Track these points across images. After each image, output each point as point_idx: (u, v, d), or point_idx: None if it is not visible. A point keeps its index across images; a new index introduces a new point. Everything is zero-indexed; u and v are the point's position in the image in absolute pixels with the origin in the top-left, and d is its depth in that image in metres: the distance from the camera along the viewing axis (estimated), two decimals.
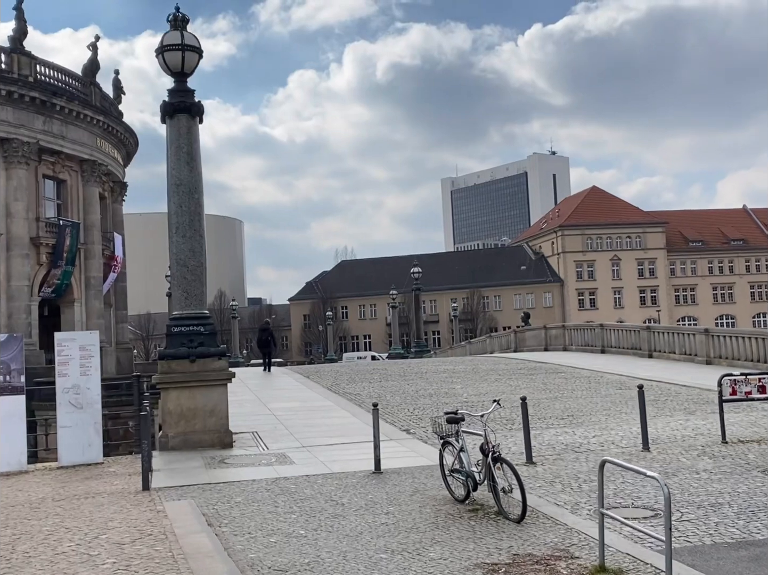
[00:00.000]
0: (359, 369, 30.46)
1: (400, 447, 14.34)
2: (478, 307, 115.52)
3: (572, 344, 36.36)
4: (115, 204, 54.16)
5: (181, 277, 15.00)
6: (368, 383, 25.02)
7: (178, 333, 14.83)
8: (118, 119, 51.90)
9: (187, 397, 14.69)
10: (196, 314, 15.01)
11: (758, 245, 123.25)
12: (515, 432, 15.59)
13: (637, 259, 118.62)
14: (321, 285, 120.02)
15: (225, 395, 15.00)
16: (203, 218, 15.34)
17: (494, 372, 27.38)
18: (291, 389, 24.52)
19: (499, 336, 44.72)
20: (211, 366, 14.88)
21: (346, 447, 14.64)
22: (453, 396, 21.15)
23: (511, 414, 17.97)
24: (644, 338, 30.51)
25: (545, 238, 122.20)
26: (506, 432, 15.79)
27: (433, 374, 27.21)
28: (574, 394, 21.04)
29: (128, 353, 53.93)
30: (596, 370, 26.56)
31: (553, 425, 16.32)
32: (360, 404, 20.36)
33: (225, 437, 14.76)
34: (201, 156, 15.44)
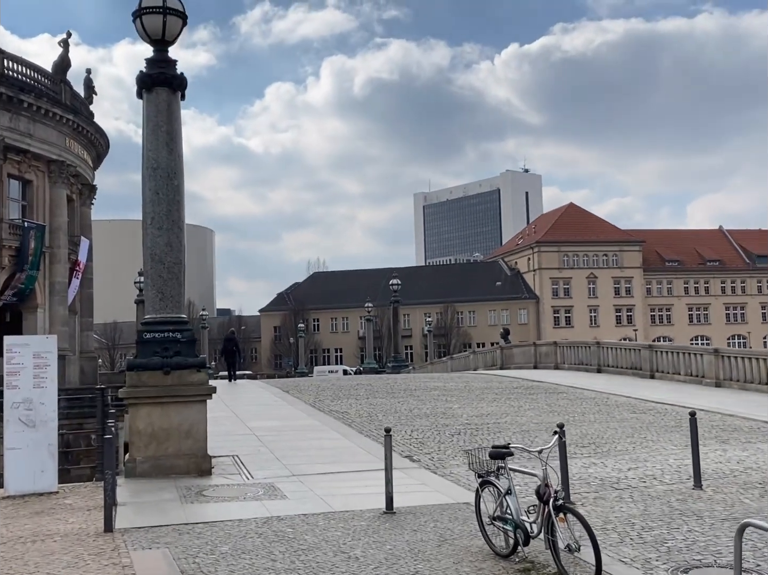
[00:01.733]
0: (342, 384, 28.38)
1: (407, 479, 12.29)
2: (452, 323, 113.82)
3: (564, 362, 34.54)
4: (83, 207, 51.78)
5: (155, 275, 12.90)
6: (354, 400, 22.97)
7: (150, 341, 12.72)
8: (89, 119, 49.56)
9: (159, 415, 12.56)
10: (172, 318, 12.91)
11: (734, 267, 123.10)
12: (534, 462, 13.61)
13: (613, 278, 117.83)
14: (293, 296, 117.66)
15: (204, 413, 12.89)
16: (183, 208, 13.27)
17: (489, 390, 25.45)
18: (270, 405, 22.39)
19: (484, 353, 42.85)
20: (188, 379, 12.77)
21: (344, 477, 12.57)
22: (452, 417, 19.17)
23: (524, 439, 16.02)
24: (646, 357, 28.75)
25: (521, 254, 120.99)
26: (524, 462, 13.81)
27: (424, 391, 25.21)
28: (586, 418, 19.14)
29: (93, 362, 51.42)
30: (599, 391, 24.71)
31: (577, 454, 14.36)
32: (350, 424, 18.31)
33: (203, 463, 12.64)
34: (182, 137, 13.40)
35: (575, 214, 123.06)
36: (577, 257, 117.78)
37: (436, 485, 11.91)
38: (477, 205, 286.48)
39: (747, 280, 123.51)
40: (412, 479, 12.34)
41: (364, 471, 12.89)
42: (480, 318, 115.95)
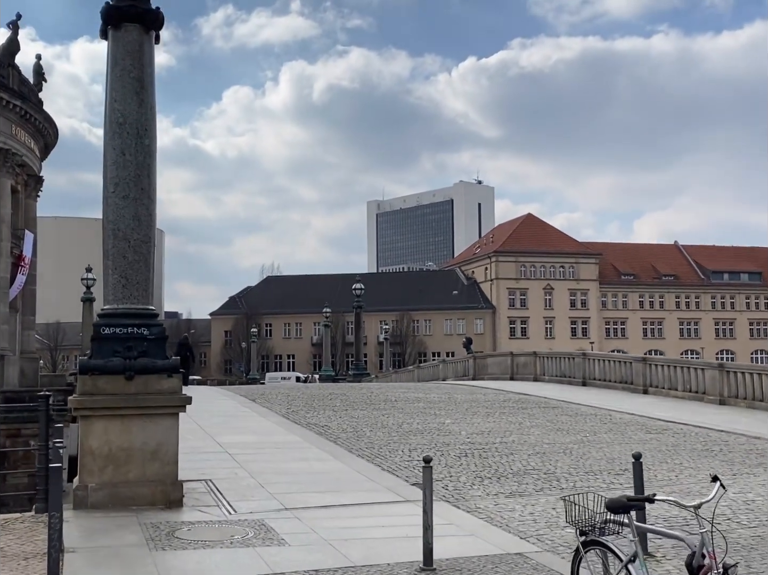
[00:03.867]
0: (313, 393, 25.87)
1: None
2: (407, 331, 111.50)
3: (545, 374, 32.45)
4: (28, 199, 48.38)
5: (118, 255, 10.34)
6: (332, 412, 20.50)
7: (110, 337, 10.16)
8: (38, 107, 46.35)
9: (119, 431, 10.01)
10: (138, 310, 10.37)
11: (689, 282, 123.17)
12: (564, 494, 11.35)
13: (569, 289, 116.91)
14: (245, 300, 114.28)
15: (175, 430, 10.35)
16: (155, 174, 10.73)
17: (476, 403, 23.17)
18: (239, 416, 19.79)
19: (454, 362, 40.62)
20: (156, 386, 10.23)
21: (350, 512, 10.14)
22: (450, 435, 16.83)
23: (543, 463, 13.75)
24: (638, 371, 26.75)
25: (478, 263, 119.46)
26: (546, 494, 11.49)
27: (406, 403, 22.83)
28: (599, 438, 16.94)
29: (34, 363, 47.99)
30: (596, 407, 22.59)
31: (614, 484, 12.12)
32: (335, 441, 15.85)
33: (172, 491, 10.10)
34: (156, 87, 10.88)
35: (533, 225, 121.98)
36: (534, 268, 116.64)
37: (468, 525, 9.54)
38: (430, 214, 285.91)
39: (701, 295, 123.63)
40: (436, 516, 9.94)
41: (373, 505, 10.48)
42: (436, 327, 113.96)
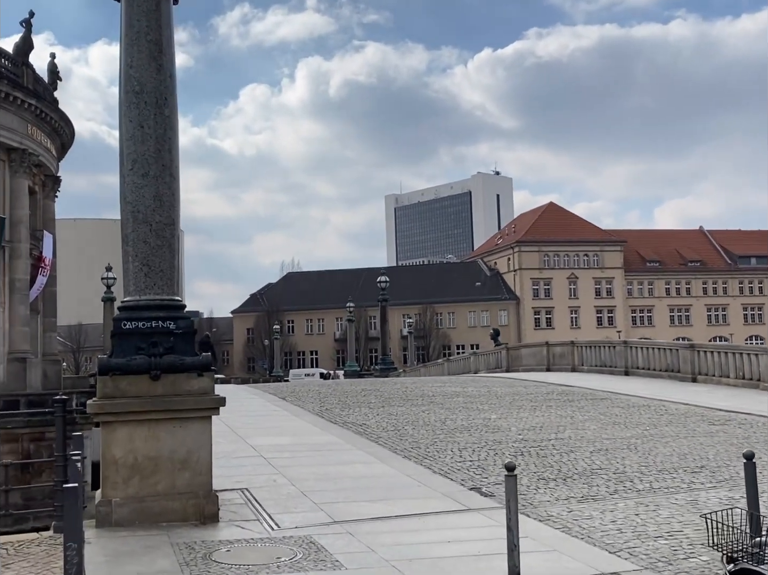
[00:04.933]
0: (345, 389, 24.70)
1: (494, 526, 8.70)
2: (431, 324, 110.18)
3: (583, 364, 31.14)
4: (46, 200, 47.67)
5: (138, 240, 9.19)
6: (368, 409, 19.32)
7: (132, 332, 9.02)
8: (53, 106, 45.53)
9: (145, 438, 8.87)
10: (162, 301, 9.21)
11: (715, 267, 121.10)
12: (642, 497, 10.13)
13: (594, 278, 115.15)
14: (266, 297, 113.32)
15: (208, 434, 9.17)
16: (177, 148, 9.57)
17: (518, 396, 21.92)
18: (270, 415, 18.65)
19: (486, 354, 39.35)
20: (185, 386, 9.07)
21: (408, 524, 8.94)
22: (498, 431, 15.60)
23: (609, 461, 12.50)
24: (686, 358, 25.40)
25: (501, 254, 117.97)
26: (622, 497, 10.25)
27: (444, 398, 21.62)
28: (660, 431, 15.64)
29: (56, 366, 47.29)
30: (647, 397, 21.27)
31: (695, 484, 10.84)
32: (377, 440, 14.68)
33: (206, 504, 8.95)
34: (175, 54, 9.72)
35: (555, 213, 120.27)
36: (558, 257, 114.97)
37: (546, 538, 8.31)
38: (448, 207, 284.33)
39: (728, 280, 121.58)
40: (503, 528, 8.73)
41: (432, 515, 9.28)
42: (459, 320, 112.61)
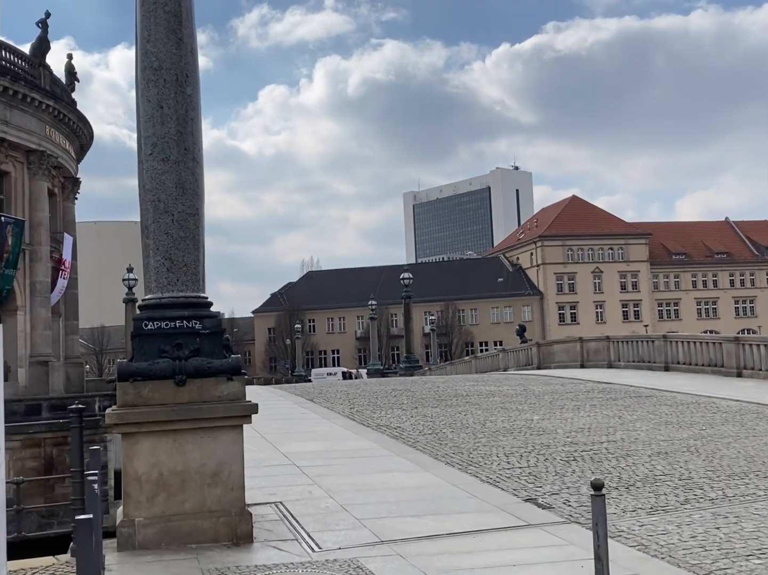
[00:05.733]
0: (374, 390, 23.81)
1: (562, 545, 7.77)
2: (453, 321, 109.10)
3: (620, 360, 30.10)
4: (66, 202, 47.27)
5: (159, 232, 8.31)
6: (401, 410, 18.41)
7: (154, 334, 8.14)
8: (71, 107, 45.01)
9: (170, 450, 7.99)
10: (187, 298, 8.32)
11: (742, 259, 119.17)
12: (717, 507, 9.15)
13: (619, 272, 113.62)
14: (287, 296, 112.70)
15: (240, 445, 8.27)
16: (200, 131, 8.68)
17: (557, 395, 20.94)
18: (300, 419, 17.77)
19: (516, 351, 38.33)
20: (214, 392, 8.18)
21: (464, 543, 8.00)
22: (544, 434, 14.63)
23: (672, 466, 11.51)
24: (731, 352, 24.33)
25: (523, 249, 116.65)
26: (695, 508, 9.27)
27: (479, 397, 20.68)
28: (718, 431, 14.59)
29: (79, 369, 46.85)
30: (694, 393, 20.21)
31: None
32: (414, 445, 13.75)
33: (239, 523, 8.06)
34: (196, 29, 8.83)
35: (578, 207, 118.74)
36: (582, 251, 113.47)
37: (622, 558, 7.30)
38: (467, 203, 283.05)
39: (756, 272, 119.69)
40: (570, 546, 7.77)
41: (490, 532, 8.33)
42: (482, 317, 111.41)
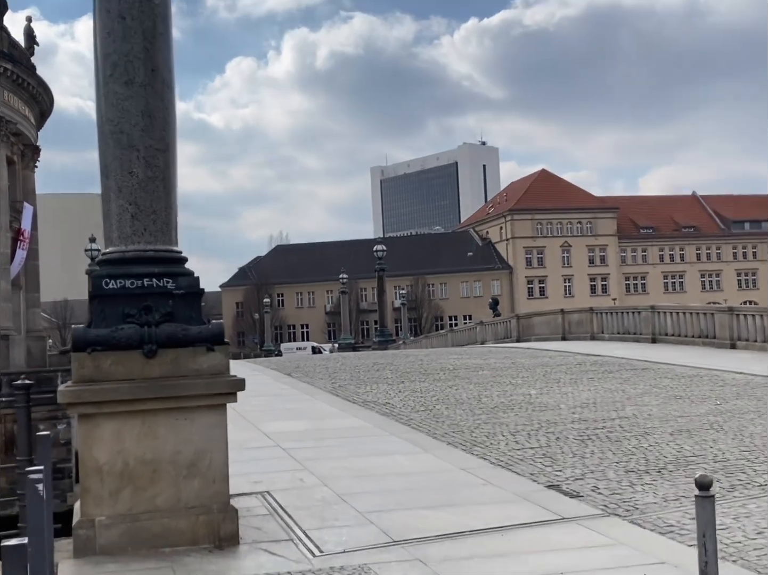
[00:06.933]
0: (354, 364, 22.50)
1: (611, 546, 6.51)
2: (423, 295, 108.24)
3: (604, 331, 29.07)
4: (26, 170, 45.12)
5: (123, 170, 6.83)
6: (387, 385, 17.12)
7: (117, 294, 6.69)
8: (31, 71, 42.83)
9: (138, 436, 6.57)
10: (157, 252, 6.87)
11: (709, 233, 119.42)
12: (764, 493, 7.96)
13: (587, 246, 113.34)
14: (255, 271, 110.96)
15: (222, 429, 6.85)
16: (171, 49, 7.19)
17: (548, 368, 19.77)
18: (280, 395, 16.38)
19: (494, 324, 37.21)
20: (191, 365, 6.74)
21: (493, 543, 6.69)
22: (547, 410, 13.40)
23: (701, 446, 10.32)
24: (723, 323, 23.34)
25: (492, 223, 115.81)
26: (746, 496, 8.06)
27: (467, 371, 19.44)
28: (735, 406, 13.46)
29: (41, 343, 44.95)
30: (693, 366, 19.14)
31: None
32: (409, 423, 12.45)
33: (222, 522, 6.67)
34: None
35: (547, 181, 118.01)
36: (551, 225, 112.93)
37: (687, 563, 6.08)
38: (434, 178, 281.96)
39: (722, 246, 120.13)
40: (633, 549, 6.49)
41: (518, 528, 7.02)
42: (452, 291, 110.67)
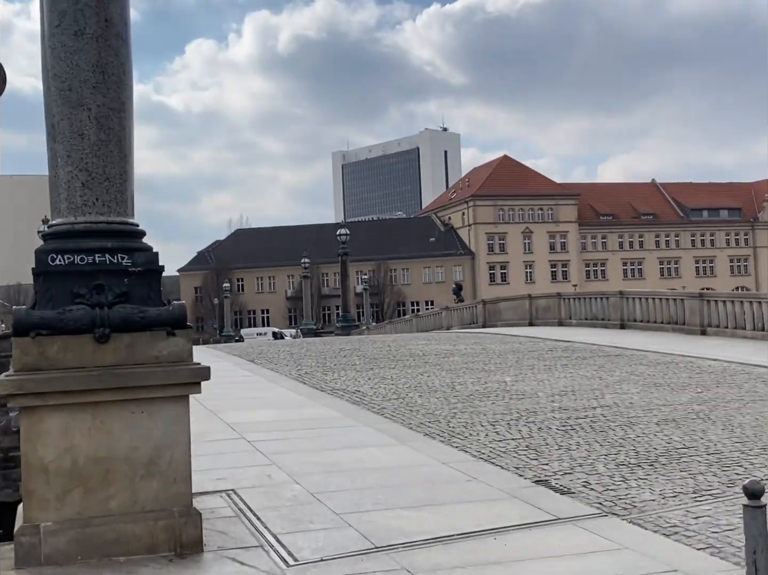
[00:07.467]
0: (320, 349, 21.79)
1: (616, 550, 5.93)
2: (385, 281, 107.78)
3: (571, 317, 28.68)
4: None
5: (72, 132, 6.06)
6: (355, 372, 16.46)
7: (65, 272, 5.93)
8: None
9: (89, 431, 5.83)
10: (110, 225, 6.10)
11: (668, 220, 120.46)
12: None
13: (548, 232, 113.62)
14: (214, 255, 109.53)
15: (184, 424, 6.11)
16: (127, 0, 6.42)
17: (520, 354, 19.25)
18: (243, 383, 15.63)
19: (460, 309, 36.70)
20: (150, 351, 6.00)
21: (482, 546, 6.04)
22: (525, 397, 12.85)
23: (691, 438, 9.82)
24: (694, 309, 23.00)
25: (455, 209, 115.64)
26: None
27: (437, 357, 18.86)
28: (717, 394, 13.03)
29: None
30: (666, 352, 18.73)
31: None
32: (381, 413, 11.80)
33: (186, 527, 5.96)
34: None
35: (510, 167, 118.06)
36: (513, 211, 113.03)
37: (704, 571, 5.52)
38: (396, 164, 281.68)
39: (681, 233, 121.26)
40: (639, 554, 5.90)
41: (512, 530, 6.39)
42: (414, 276, 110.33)
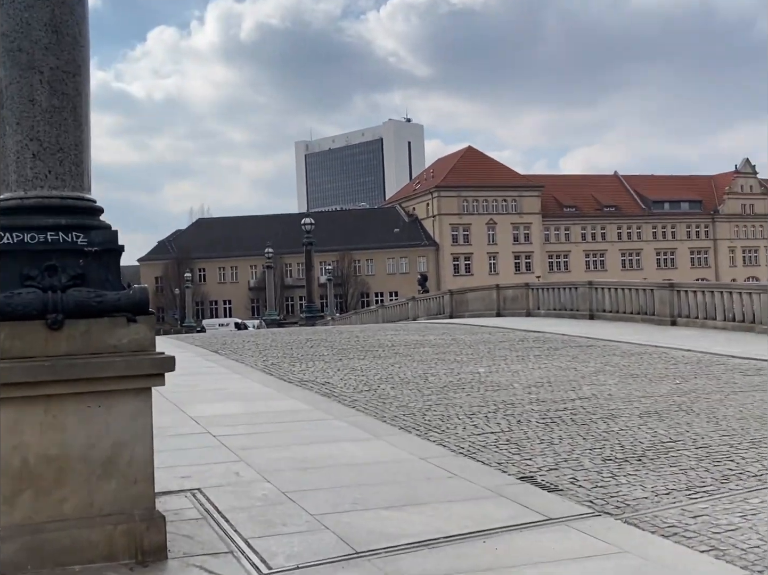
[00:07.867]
0: (284, 340, 21.23)
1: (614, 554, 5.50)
2: (349, 271, 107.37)
3: (539, 308, 28.40)
4: None
5: (22, 96, 5.48)
6: (324, 363, 15.95)
7: (13, 251, 5.34)
8: None
9: (40, 426, 5.27)
10: (64, 200, 5.52)
11: (630, 212, 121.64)
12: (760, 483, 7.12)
13: (512, 224, 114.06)
14: (175, 244, 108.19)
15: (146, 418, 5.56)
16: None
17: (491, 345, 18.89)
18: (207, 374, 15.03)
19: (427, 299, 36.29)
20: (108, 339, 5.43)
21: (471, 551, 5.57)
22: (501, 389, 12.45)
23: (676, 431, 9.47)
24: (664, 299, 22.80)
25: (419, 200, 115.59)
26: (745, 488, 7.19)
27: (407, 348, 18.41)
28: (696, 385, 12.72)
29: None
30: (638, 343, 18.48)
31: None
32: (353, 405, 11.32)
33: (148, 531, 5.42)
34: None
35: (474, 158, 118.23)
36: (477, 202, 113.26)
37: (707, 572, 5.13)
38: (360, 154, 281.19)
39: (642, 225, 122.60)
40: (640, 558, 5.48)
41: (500, 532, 5.92)
42: (378, 267, 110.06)
